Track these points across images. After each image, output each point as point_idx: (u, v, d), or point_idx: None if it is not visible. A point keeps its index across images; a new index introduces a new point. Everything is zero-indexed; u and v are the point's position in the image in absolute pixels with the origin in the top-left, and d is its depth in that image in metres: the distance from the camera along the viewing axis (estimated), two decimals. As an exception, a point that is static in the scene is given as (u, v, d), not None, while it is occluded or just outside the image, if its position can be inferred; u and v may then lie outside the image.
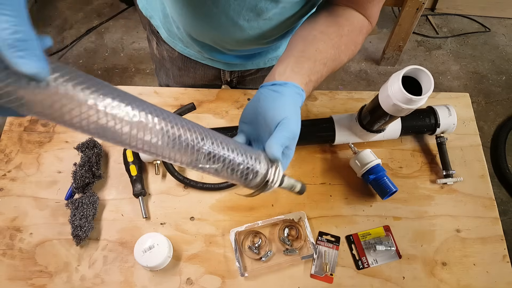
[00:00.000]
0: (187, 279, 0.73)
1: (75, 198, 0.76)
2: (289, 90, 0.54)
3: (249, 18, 0.65)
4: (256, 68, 0.91)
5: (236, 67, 0.90)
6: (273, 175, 0.46)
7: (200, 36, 0.76)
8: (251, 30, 0.68)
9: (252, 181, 0.45)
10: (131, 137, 0.35)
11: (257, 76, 0.95)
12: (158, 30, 0.87)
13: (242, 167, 0.43)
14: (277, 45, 0.86)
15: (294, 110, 0.53)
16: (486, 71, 2.15)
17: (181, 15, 0.71)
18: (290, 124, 0.50)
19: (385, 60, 2.11)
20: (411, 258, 0.76)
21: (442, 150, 0.83)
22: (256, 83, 0.97)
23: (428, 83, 0.63)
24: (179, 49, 0.88)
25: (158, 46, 0.92)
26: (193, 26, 0.73)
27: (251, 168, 0.44)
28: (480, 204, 0.81)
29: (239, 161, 0.43)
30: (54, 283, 0.72)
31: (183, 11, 0.69)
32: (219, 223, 0.78)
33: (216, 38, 0.75)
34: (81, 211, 0.74)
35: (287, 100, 0.53)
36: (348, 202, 0.81)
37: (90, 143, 0.81)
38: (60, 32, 2.24)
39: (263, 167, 0.45)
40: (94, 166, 0.79)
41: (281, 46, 0.87)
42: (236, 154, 0.43)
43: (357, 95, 0.93)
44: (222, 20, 0.66)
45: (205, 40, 0.78)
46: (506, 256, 0.76)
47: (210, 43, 0.78)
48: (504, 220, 1.73)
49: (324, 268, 0.74)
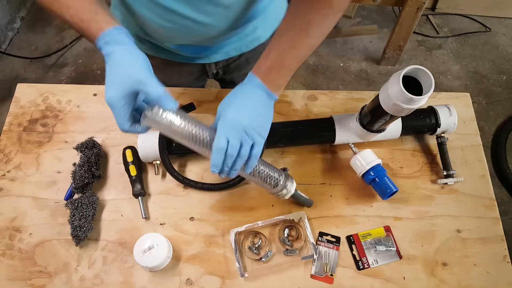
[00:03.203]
0: (186, 280, 0.73)
1: (74, 198, 0.76)
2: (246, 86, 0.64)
3: (209, 11, 0.67)
4: (239, 53, 0.91)
5: (220, 56, 0.90)
6: (286, 190, 0.71)
7: (176, 41, 0.79)
8: (217, 21, 0.70)
9: (275, 188, 0.70)
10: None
11: (240, 60, 0.94)
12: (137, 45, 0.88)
13: (271, 178, 0.69)
14: (255, 26, 0.85)
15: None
16: (487, 71, 2.15)
17: (150, 28, 0.75)
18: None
19: (385, 60, 2.11)
20: (412, 259, 0.75)
21: (443, 150, 0.83)
22: (241, 68, 0.97)
23: (429, 83, 0.62)
24: (161, 56, 0.88)
25: None
26: (165, 35, 0.77)
27: (274, 183, 0.70)
28: (481, 204, 0.81)
29: (271, 174, 0.69)
30: (54, 284, 0.72)
31: (150, 24, 0.72)
32: (219, 224, 0.78)
33: (191, 39, 0.77)
34: (80, 211, 0.74)
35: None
36: (349, 202, 0.81)
37: (89, 143, 0.81)
38: (60, 32, 2.24)
39: (281, 183, 0.70)
40: (93, 166, 0.78)
41: (259, 27, 0.86)
42: (269, 170, 0.69)
43: (357, 95, 0.93)
44: (186, 23, 0.69)
45: (182, 42, 0.80)
46: (507, 256, 0.76)
47: (188, 43, 0.80)
48: (505, 220, 1.72)
49: (325, 269, 0.74)
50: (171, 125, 0.58)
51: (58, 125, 0.87)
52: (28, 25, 2.26)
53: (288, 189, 0.71)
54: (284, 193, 0.71)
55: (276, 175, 0.70)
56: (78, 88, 0.93)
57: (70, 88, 0.93)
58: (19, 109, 0.89)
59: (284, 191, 0.71)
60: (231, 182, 0.80)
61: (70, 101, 0.91)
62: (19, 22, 2.25)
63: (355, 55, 2.19)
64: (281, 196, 0.72)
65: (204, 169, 0.83)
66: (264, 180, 0.69)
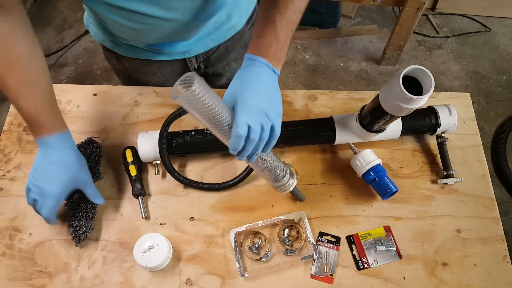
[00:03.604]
0: (186, 280, 0.73)
1: (74, 199, 0.76)
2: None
3: (175, 7, 0.67)
4: (217, 43, 0.90)
5: (199, 49, 0.89)
6: (290, 183, 0.72)
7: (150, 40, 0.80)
8: (185, 15, 0.71)
9: (278, 182, 0.71)
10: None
11: (220, 50, 0.94)
12: (113, 49, 0.88)
13: (277, 172, 0.69)
14: (228, 14, 0.85)
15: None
16: (487, 71, 2.15)
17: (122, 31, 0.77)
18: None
19: (385, 60, 2.11)
20: (412, 259, 0.75)
21: (443, 150, 0.83)
22: (221, 58, 0.96)
23: (429, 83, 0.62)
24: (140, 56, 0.88)
25: (119, 61, 0.92)
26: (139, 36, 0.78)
27: (280, 176, 0.70)
28: (481, 204, 0.81)
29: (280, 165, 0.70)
30: (54, 284, 0.72)
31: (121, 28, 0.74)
32: (219, 224, 0.78)
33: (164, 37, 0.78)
34: (80, 211, 0.74)
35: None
36: (349, 202, 0.81)
37: (90, 144, 0.81)
38: (60, 32, 2.24)
39: (287, 177, 0.71)
40: (93, 166, 0.78)
41: (233, 15, 0.86)
42: (277, 163, 0.69)
43: (357, 95, 0.93)
44: (156, 22, 0.70)
45: (157, 41, 0.80)
46: (507, 256, 0.76)
47: (163, 40, 0.80)
48: (505, 220, 1.72)
49: (325, 269, 0.74)
50: (202, 106, 0.53)
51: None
52: (28, 25, 2.26)
53: (293, 180, 0.72)
54: (291, 183, 0.72)
55: (283, 166, 0.71)
56: (78, 88, 0.93)
57: (70, 88, 0.93)
58: (19, 109, 0.89)
59: (290, 181, 0.72)
60: (231, 182, 0.80)
61: (70, 101, 0.91)
62: (19, 22, 2.25)
63: (355, 55, 2.19)
64: (284, 188, 0.72)
65: (204, 169, 0.83)
66: (274, 171, 0.69)
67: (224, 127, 0.58)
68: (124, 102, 0.91)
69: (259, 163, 0.67)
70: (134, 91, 0.92)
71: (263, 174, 0.71)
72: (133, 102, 0.91)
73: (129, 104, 0.90)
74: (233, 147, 0.58)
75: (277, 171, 0.69)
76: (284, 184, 0.71)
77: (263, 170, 0.69)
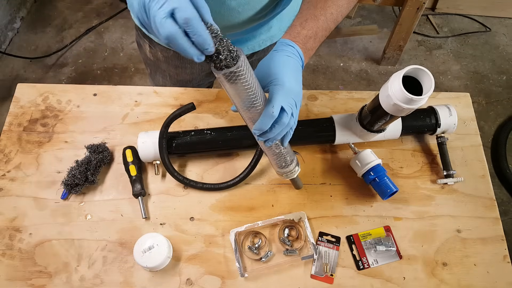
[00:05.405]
0: (186, 280, 0.73)
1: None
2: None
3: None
4: (251, 52, 0.91)
5: None
6: (296, 170, 0.73)
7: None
8: (240, 7, 0.70)
9: (285, 168, 0.71)
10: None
11: (252, 60, 0.94)
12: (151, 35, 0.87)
13: (287, 158, 0.69)
14: (269, 24, 0.85)
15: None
16: (487, 71, 2.15)
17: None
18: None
19: (385, 60, 2.11)
20: (412, 259, 0.75)
21: (443, 150, 0.83)
22: (252, 68, 0.96)
23: (429, 83, 0.62)
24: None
25: (151, 49, 0.92)
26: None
27: (289, 162, 0.70)
28: (481, 204, 0.81)
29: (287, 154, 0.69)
30: (54, 284, 0.72)
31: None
32: (219, 224, 0.78)
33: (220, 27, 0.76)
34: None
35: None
36: (349, 202, 0.81)
37: (100, 147, 0.81)
38: (60, 32, 2.24)
39: (294, 163, 0.72)
40: (90, 170, 0.78)
41: (273, 26, 0.86)
42: (288, 149, 0.68)
43: (357, 95, 0.93)
44: (212, 5, 0.67)
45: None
46: (507, 256, 0.76)
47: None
48: (505, 220, 1.72)
49: (325, 269, 0.74)
50: (243, 85, 0.52)
51: (58, 125, 0.87)
52: (28, 25, 2.26)
53: (299, 168, 0.74)
54: (296, 171, 0.73)
55: (292, 153, 0.71)
56: (78, 88, 0.93)
57: (70, 88, 0.93)
58: (19, 109, 0.89)
59: (296, 168, 0.72)
60: (231, 182, 0.80)
61: (70, 101, 0.91)
62: (19, 22, 2.25)
63: (355, 55, 2.19)
64: (289, 175, 0.73)
65: (204, 169, 0.84)
66: (284, 157, 0.68)
67: (256, 106, 0.56)
68: (124, 102, 0.91)
69: (272, 147, 0.66)
70: (134, 91, 0.92)
71: (272, 159, 0.70)
72: (133, 102, 0.91)
73: (129, 104, 0.90)
74: (260, 126, 0.56)
75: (287, 157, 0.69)
76: (290, 170, 0.72)
77: (275, 154, 0.68)
